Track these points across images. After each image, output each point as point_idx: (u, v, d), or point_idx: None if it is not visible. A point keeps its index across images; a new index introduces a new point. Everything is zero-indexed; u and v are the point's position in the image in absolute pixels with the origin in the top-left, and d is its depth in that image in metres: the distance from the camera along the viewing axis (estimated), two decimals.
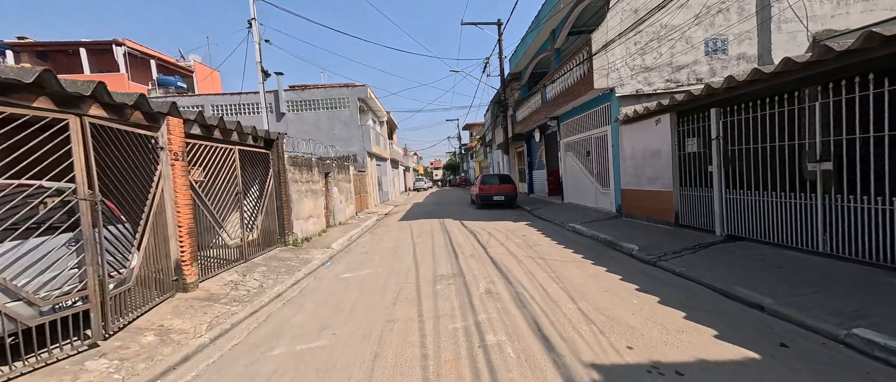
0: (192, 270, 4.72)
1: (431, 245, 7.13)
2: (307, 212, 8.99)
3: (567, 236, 7.38)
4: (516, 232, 8.09)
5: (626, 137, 8.09)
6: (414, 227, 10.10)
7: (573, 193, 11.83)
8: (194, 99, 16.03)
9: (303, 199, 8.80)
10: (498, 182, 13.65)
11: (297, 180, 8.66)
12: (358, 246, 8.02)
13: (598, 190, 9.97)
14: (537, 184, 16.93)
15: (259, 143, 7.09)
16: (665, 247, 5.52)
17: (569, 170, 12.07)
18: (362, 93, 16.65)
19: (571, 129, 11.53)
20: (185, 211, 4.67)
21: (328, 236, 9.19)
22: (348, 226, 11.22)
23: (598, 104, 9.31)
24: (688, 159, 6.27)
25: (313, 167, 9.69)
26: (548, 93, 12.02)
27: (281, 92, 16.23)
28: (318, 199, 9.84)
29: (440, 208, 15.71)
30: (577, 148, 11.20)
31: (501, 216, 11.23)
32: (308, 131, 16.65)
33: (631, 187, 8.05)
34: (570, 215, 9.69)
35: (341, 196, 12.13)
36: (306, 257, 7.03)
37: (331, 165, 11.30)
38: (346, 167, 13.11)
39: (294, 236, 8.15)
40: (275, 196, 7.59)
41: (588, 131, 10.23)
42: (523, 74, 16.76)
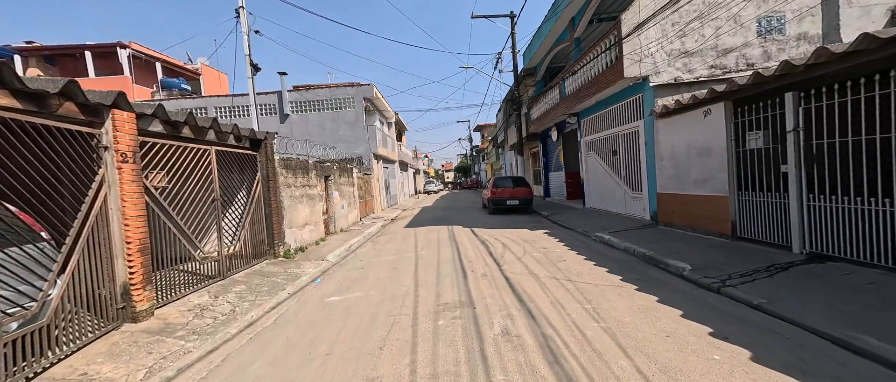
0: (144, 295, 3.91)
1: (436, 259, 6.18)
2: (302, 219, 8.19)
3: (596, 249, 6.30)
4: (535, 243, 7.05)
5: (663, 133, 6.96)
6: (419, 235, 9.18)
7: (596, 197, 10.67)
8: (197, 101, 15.66)
9: (297, 205, 8.01)
10: (512, 185, 12.61)
11: (291, 184, 7.88)
12: (356, 258, 7.15)
13: (627, 194, 8.82)
14: (554, 187, 15.77)
15: (243, 143, 6.31)
16: (726, 267, 4.40)
17: (591, 172, 10.92)
18: (368, 92, 15.92)
19: (594, 126, 10.40)
20: (136, 224, 3.87)
21: (325, 246, 8.36)
22: (350, 233, 10.40)
23: (627, 96, 8.19)
24: (749, 158, 5.13)
25: (310, 170, 8.90)
26: (567, 87, 10.94)
27: (284, 92, 15.66)
28: (316, 205, 9.05)
29: (449, 213, 14.75)
30: (601, 147, 10.06)
31: (516, 223, 10.19)
32: (312, 133, 16.01)
33: (670, 191, 6.90)
34: (595, 223, 8.57)
35: (343, 201, 11.33)
36: (296, 271, 6.19)
37: (331, 167, 10.52)
38: (349, 170, 12.33)
39: (286, 246, 7.35)
40: (263, 203, 6.81)
41: (615, 128, 9.10)
42: (538, 69, 15.68)
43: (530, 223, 10.03)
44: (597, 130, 10.26)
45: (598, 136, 10.19)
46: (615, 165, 9.29)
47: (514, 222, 10.34)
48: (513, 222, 10.36)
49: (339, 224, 10.76)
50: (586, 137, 11.01)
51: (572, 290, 4.10)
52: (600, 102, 9.56)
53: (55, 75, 16.05)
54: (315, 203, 9.00)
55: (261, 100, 15.88)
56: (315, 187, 9.13)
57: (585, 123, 11.02)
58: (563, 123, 12.99)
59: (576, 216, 10.09)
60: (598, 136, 10.14)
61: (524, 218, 11.29)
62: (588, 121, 10.81)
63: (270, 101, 15.89)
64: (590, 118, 10.61)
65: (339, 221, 10.79)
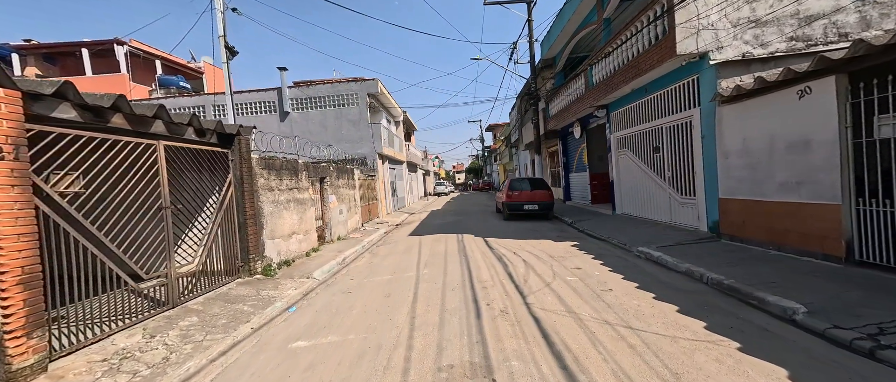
0: (30, 345, 2.79)
1: (441, 282, 4.91)
2: (288, 228, 7.07)
3: (645, 271, 4.91)
4: (565, 260, 5.70)
5: (731, 123, 5.50)
6: (425, 246, 7.93)
7: (631, 201, 9.19)
8: (195, 99, 14.92)
9: (282, 212, 6.89)
10: (529, 188, 11.24)
11: (275, 187, 6.77)
12: (346, 276, 5.95)
13: (674, 199, 7.34)
14: (576, 189, 14.28)
15: (208, 138, 5.20)
16: (865, 310, 2.98)
17: (623, 172, 9.45)
18: (372, 87, 14.84)
19: (628, 119, 8.94)
20: (15, 246, 2.76)
21: (316, 259, 7.22)
22: (348, 242, 9.26)
23: (676, 80, 6.74)
24: (873, 152, 3.66)
25: (300, 171, 7.79)
26: (594, 75, 9.51)
27: (284, 89, 14.75)
28: (307, 211, 7.93)
29: (460, 218, 13.47)
30: (638, 144, 8.59)
31: (537, 232, 8.82)
32: (314, 132, 15.04)
33: (740, 197, 5.44)
34: (634, 233, 7.13)
35: (341, 205, 10.21)
36: (270, 294, 5.04)
37: (327, 168, 9.41)
38: (349, 171, 11.21)
39: (266, 260, 6.23)
40: (236, 210, 5.70)
41: (657, 120, 7.64)
42: (558, 59, 14.26)
43: (553, 232, 8.64)
44: (632, 123, 8.80)
45: (633, 130, 8.73)
46: (657, 164, 7.82)
47: (533, 231, 8.98)
48: (532, 231, 8.99)
49: (336, 232, 9.64)
50: (617, 133, 9.55)
51: (639, 347, 2.76)
52: (638, 90, 8.11)
53: (55, 75, 15.63)
54: (306, 209, 7.88)
55: (260, 97, 15.01)
56: (306, 190, 8.01)
57: (616, 117, 9.56)
58: (589, 118, 11.53)
59: (607, 224, 8.65)
60: (634, 130, 8.68)
61: (545, 226, 9.90)
62: (620, 114, 9.35)
63: (270, 98, 15.00)
64: (622, 111, 9.16)
65: (336, 228, 9.67)
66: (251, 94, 15.05)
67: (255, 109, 15.15)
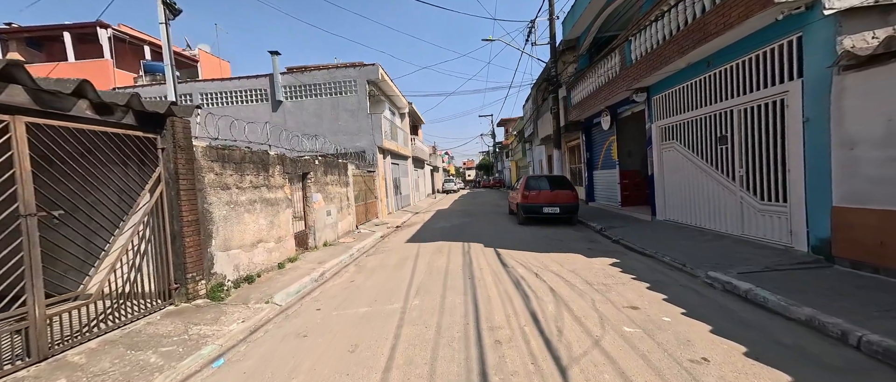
0: None
1: (435, 329, 3.38)
2: (252, 235, 5.67)
3: (739, 316, 3.27)
4: (609, 291, 4.09)
5: (862, 98, 3.77)
6: (422, 259, 6.43)
7: (678, 205, 7.45)
8: (181, 87, 13.77)
9: (243, 216, 5.49)
10: (549, 187, 9.58)
11: (233, 185, 5.36)
12: (312, 305, 4.49)
13: (748, 205, 5.60)
14: (602, 189, 12.52)
15: (117, 117, 3.78)
16: None
17: (669, 169, 7.71)
18: (372, 73, 13.37)
19: (679, 102, 7.19)
20: None
21: (289, 273, 5.82)
22: (335, 249, 7.84)
23: (763, 42, 4.98)
24: None
25: (271, 165, 6.37)
26: (634, 51, 7.77)
27: (276, 75, 13.42)
28: (280, 213, 6.52)
29: (468, 220, 11.91)
30: (692, 133, 6.84)
31: (561, 241, 7.20)
32: (309, 123, 13.70)
33: (875, 207, 3.71)
34: (691, 249, 5.44)
35: (329, 206, 8.79)
36: (203, 333, 3.65)
37: (310, 162, 7.99)
38: (341, 166, 9.79)
39: (215, 279, 4.84)
40: (167, 215, 4.30)
41: (725, 102, 5.89)
42: (582, 39, 12.46)
43: (582, 243, 7.00)
44: (684, 108, 7.04)
45: (685, 117, 6.98)
46: (721, 159, 6.08)
47: (557, 240, 7.35)
48: (555, 240, 7.37)
49: (322, 236, 8.23)
50: (661, 122, 7.80)
51: None
52: (696, 64, 6.36)
53: (40, 61, 14.74)
54: (278, 211, 6.47)
55: (250, 85, 13.74)
56: (280, 188, 6.60)
57: (661, 102, 7.80)
58: (621, 106, 9.77)
59: (648, 234, 6.95)
60: (687, 117, 6.92)
61: (570, 233, 8.25)
62: (666, 97, 7.59)
63: (261, 85, 13.70)
64: (670, 93, 7.40)
65: (322, 232, 8.26)
66: (240, 81, 13.80)
67: (244, 97, 13.89)
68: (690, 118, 6.81)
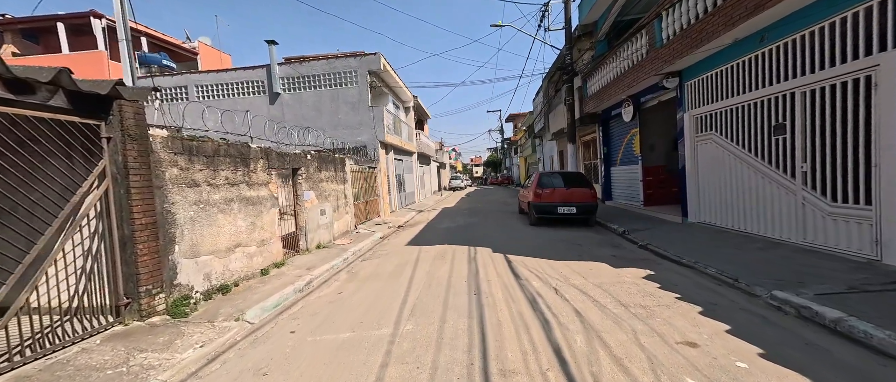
0: None
1: (431, 361, 2.61)
2: (228, 239, 4.97)
3: (838, 361, 2.40)
4: (652, 318, 3.24)
5: None
6: (422, 266, 5.65)
7: (716, 206, 6.51)
8: (176, 79, 13.23)
9: (216, 217, 4.79)
10: (564, 185, 8.70)
11: (203, 181, 4.65)
12: (287, 324, 3.75)
13: (813, 206, 4.66)
14: (621, 187, 11.54)
15: (40, 96, 3.06)
16: None
17: (706, 164, 6.76)
18: (374, 63, 12.59)
19: (720, 87, 6.22)
20: None
21: (272, 281, 5.11)
22: (329, 251, 7.13)
23: (846, 5, 4.01)
24: None
25: (252, 160, 5.66)
26: (665, 28, 6.81)
27: (274, 66, 12.75)
28: (264, 213, 5.81)
29: (475, 220, 11.10)
30: (737, 122, 5.89)
31: (581, 247, 6.34)
32: (308, 116, 13.02)
33: None
34: (739, 258, 4.53)
35: (324, 204, 8.08)
36: (144, 364, 3.00)
37: (301, 157, 7.27)
38: (338, 161, 9.06)
39: (179, 291, 4.15)
40: (114, 217, 3.60)
41: (783, 83, 4.93)
42: (600, 24, 11.44)
43: (605, 249, 6.12)
44: (726, 94, 6.08)
45: (728, 104, 6.02)
46: (777, 152, 5.13)
47: (575, 245, 6.49)
48: (574, 245, 6.51)
49: (315, 238, 7.53)
50: (697, 110, 6.84)
51: None
52: (745, 40, 5.39)
53: (36, 54, 14.38)
54: (262, 211, 5.76)
55: (246, 76, 13.11)
56: (263, 185, 5.89)
57: (696, 87, 6.83)
58: (647, 93, 8.79)
59: (682, 238, 6.03)
60: (730, 103, 5.97)
61: (589, 236, 7.37)
62: (703, 82, 6.62)
63: (258, 77, 13.06)
64: (708, 76, 6.44)
65: (315, 233, 7.55)
66: (236, 72, 13.17)
67: (240, 90, 13.27)
68: (735, 105, 5.84)
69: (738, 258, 4.72)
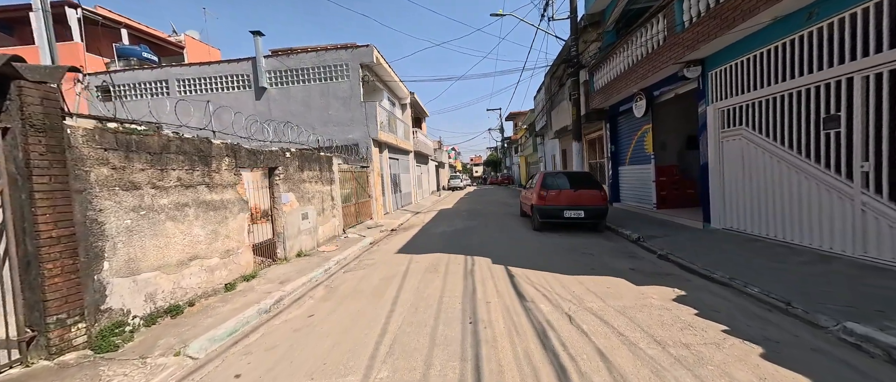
0: None
1: None
2: (181, 251, 4.21)
3: None
4: (696, 356, 2.48)
5: None
6: (410, 281, 4.89)
7: (748, 210, 5.75)
8: (156, 73, 12.46)
9: (164, 225, 4.03)
10: (571, 186, 7.94)
11: (146, 183, 3.89)
12: (236, 363, 2.99)
13: (875, 214, 3.89)
14: (630, 188, 10.78)
15: None
16: None
17: (733, 162, 6.00)
18: (366, 56, 11.81)
19: (751, 75, 5.45)
20: None
21: (235, 299, 4.35)
22: (310, 260, 6.37)
23: None
24: None
25: (214, 157, 4.90)
26: (687, 10, 6.04)
27: (260, 59, 11.97)
28: (229, 220, 5.05)
29: (474, 223, 10.35)
30: (775, 115, 5.12)
31: (591, 256, 5.57)
32: (296, 112, 12.25)
33: None
34: (788, 275, 3.77)
35: (306, 207, 7.32)
36: None
37: (279, 155, 6.50)
38: (324, 160, 8.29)
39: (110, 317, 3.40)
40: (17, 231, 2.84)
41: (837, 67, 4.16)
42: (608, 12, 10.67)
43: (619, 259, 5.35)
44: (760, 82, 5.32)
45: (761, 94, 5.25)
46: (827, 148, 4.36)
47: (585, 253, 5.72)
48: (583, 253, 5.74)
49: (295, 245, 6.77)
50: (723, 102, 6.08)
51: None
52: (785, 18, 4.63)
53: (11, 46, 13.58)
54: (226, 217, 5.00)
55: (230, 70, 12.32)
56: (230, 187, 5.13)
57: (721, 76, 6.07)
58: (662, 85, 8.03)
59: (708, 248, 5.27)
60: (764, 94, 5.20)
61: (599, 244, 6.61)
62: (729, 70, 5.86)
63: (243, 70, 12.27)
64: (737, 63, 5.67)
65: (296, 240, 6.79)
66: (220, 65, 12.39)
67: (224, 84, 12.49)
68: (771, 95, 5.08)
69: (784, 276, 3.96)
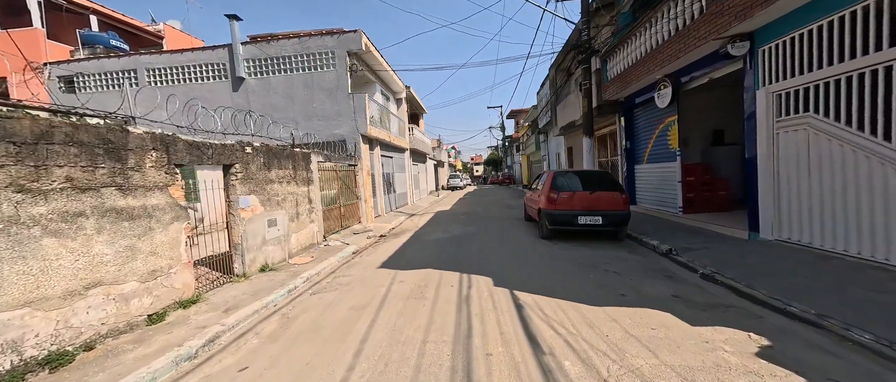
0: None
1: None
2: (70, 278, 3.09)
3: None
4: None
5: None
6: (388, 309, 3.75)
7: (818, 219, 4.59)
8: (124, 61, 11.32)
9: (39, 243, 2.89)
10: (586, 187, 6.79)
11: (5, 185, 2.75)
12: None
13: None
14: (648, 189, 9.62)
15: None
16: None
17: (791, 159, 4.84)
18: (354, 43, 10.66)
19: (828, 46, 4.29)
20: None
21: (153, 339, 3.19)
22: (274, 276, 5.22)
23: None
24: None
25: (129, 151, 3.77)
26: None
27: (237, 46, 10.83)
28: (155, 232, 3.93)
29: (472, 228, 9.21)
30: (862, 98, 3.95)
31: (617, 275, 4.42)
32: (278, 105, 11.12)
33: None
34: None
35: (276, 212, 6.18)
36: None
37: (234, 150, 5.35)
38: (298, 157, 7.14)
39: None
40: None
41: None
42: None
43: (654, 280, 4.20)
44: (838, 56, 4.16)
45: (842, 70, 4.09)
46: None
47: (608, 271, 4.56)
48: (606, 271, 4.58)
49: (259, 258, 5.63)
50: (780, 85, 4.92)
51: None
52: None
53: None
54: (151, 228, 3.87)
55: (204, 58, 11.17)
56: (156, 189, 4.00)
57: (777, 52, 4.91)
58: (693, 69, 6.86)
59: (765, 266, 4.12)
60: (849, 69, 4.04)
61: (623, 258, 5.45)
62: (789, 43, 4.70)
63: (217, 58, 11.12)
64: (801, 33, 4.51)
65: (260, 251, 5.65)
66: (193, 53, 11.23)
67: (198, 74, 11.34)
68: (856, 71, 3.92)
69: None
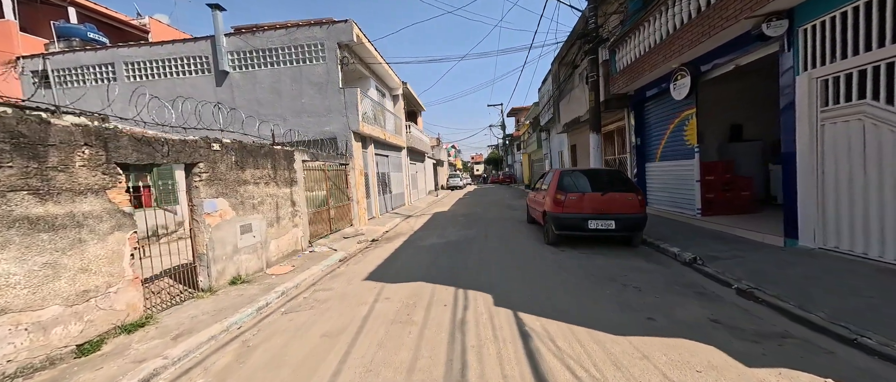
0: None
1: None
2: None
3: None
4: None
5: None
6: (364, 343, 3.08)
7: (875, 226, 3.91)
8: (100, 55, 10.68)
9: None
10: (596, 188, 6.13)
11: None
12: None
13: None
14: (661, 189, 8.94)
15: None
16: None
17: (841, 155, 4.17)
18: (345, 34, 10.00)
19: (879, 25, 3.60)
20: None
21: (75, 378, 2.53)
22: (245, 290, 4.56)
23: None
24: None
25: (52, 147, 3.10)
26: None
27: (220, 38, 10.17)
28: (87, 245, 3.27)
29: (471, 232, 8.55)
30: None
31: (637, 291, 3.75)
32: (264, 101, 10.47)
33: None
34: None
35: (251, 217, 5.52)
36: None
37: (196, 146, 4.69)
38: (279, 156, 6.48)
39: None
40: None
41: None
42: None
43: (684, 298, 3.53)
44: None
45: None
46: None
47: (627, 287, 3.90)
48: (624, 287, 3.92)
49: (230, 268, 4.97)
50: (823, 70, 4.25)
51: None
52: None
53: None
54: (80, 241, 3.22)
55: (186, 51, 10.51)
56: (90, 194, 3.34)
57: (822, 30, 4.24)
58: (720, 54, 6.18)
59: (813, 279, 3.45)
60: None
61: (641, 268, 4.78)
62: (837, 19, 4.03)
63: (200, 51, 10.47)
64: (851, 8, 3.83)
65: (231, 261, 4.99)
66: (174, 46, 10.57)
67: (180, 68, 10.68)
68: None
69: None
